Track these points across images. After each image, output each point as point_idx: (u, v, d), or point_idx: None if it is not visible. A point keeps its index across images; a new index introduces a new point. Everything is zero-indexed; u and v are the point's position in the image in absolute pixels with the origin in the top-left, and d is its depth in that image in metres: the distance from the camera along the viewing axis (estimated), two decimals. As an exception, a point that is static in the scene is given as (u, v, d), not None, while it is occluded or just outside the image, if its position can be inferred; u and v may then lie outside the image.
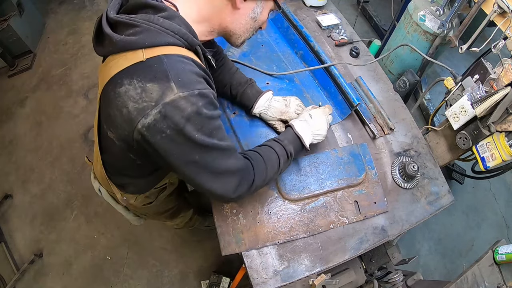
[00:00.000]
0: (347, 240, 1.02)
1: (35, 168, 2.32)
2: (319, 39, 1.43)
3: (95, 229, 2.08)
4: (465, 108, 1.05)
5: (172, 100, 0.57)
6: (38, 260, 1.99)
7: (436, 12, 1.82)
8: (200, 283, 1.89)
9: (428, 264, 2.04)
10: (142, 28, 0.60)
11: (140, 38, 0.59)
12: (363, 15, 3.13)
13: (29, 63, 2.80)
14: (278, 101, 1.10)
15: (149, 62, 0.59)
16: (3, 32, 2.52)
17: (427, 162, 1.19)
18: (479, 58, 1.31)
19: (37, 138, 2.45)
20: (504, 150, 1.00)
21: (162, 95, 0.57)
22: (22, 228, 2.12)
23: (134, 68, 0.59)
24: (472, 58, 2.45)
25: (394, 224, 1.06)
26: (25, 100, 2.65)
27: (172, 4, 0.68)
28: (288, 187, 1.05)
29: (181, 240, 2.04)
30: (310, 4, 1.53)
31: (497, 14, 1.29)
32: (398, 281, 1.14)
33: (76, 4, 3.28)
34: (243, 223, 1.02)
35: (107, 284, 1.92)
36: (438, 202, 1.12)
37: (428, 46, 1.90)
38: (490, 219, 2.24)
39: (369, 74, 1.37)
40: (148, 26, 0.60)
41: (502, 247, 1.01)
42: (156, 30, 0.61)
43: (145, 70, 0.59)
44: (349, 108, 1.19)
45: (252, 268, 0.97)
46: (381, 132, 1.21)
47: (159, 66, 0.59)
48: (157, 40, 0.60)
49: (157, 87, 0.57)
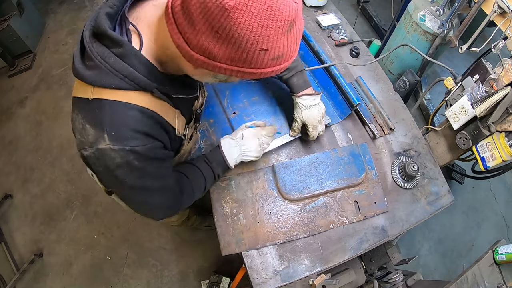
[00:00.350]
0: (347, 240, 1.02)
1: (35, 168, 2.32)
2: (319, 39, 1.43)
3: (95, 229, 2.08)
4: (465, 108, 1.05)
5: (104, 148, 0.60)
6: (38, 260, 1.99)
7: (436, 12, 1.82)
8: (200, 283, 1.89)
9: (428, 264, 2.04)
10: (95, 63, 0.58)
11: (91, 75, 0.58)
12: (363, 15, 3.12)
13: (29, 63, 2.79)
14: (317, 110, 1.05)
15: (93, 103, 0.59)
16: (3, 32, 2.52)
17: (427, 162, 1.19)
18: (479, 58, 1.31)
19: (37, 138, 2.45)
20: (504, 150, 1.00)
21: (95, 141, 0.59)
22: (22, 228, 2.12)
23: (82, 102, 0.61)
24: (472, 58, 2.45)
25: (394, 224, 1.06)
26: (25, 100, 2.65)
27: (138, 33, 0.62)
28: (288, 187, 1.05)
29: (181, 240, 2.04)
30: (310, 4, 1.53)
31: (497, 14, 1.29)
32: (398, 281, 1.14)
33: (76, 4, 3.28)
34: (243, 223, 1.02)
35: (107, 284, 1.92)
36: (438, 202, 1.12)
37: (428, 46, 1.90)
38: (490, 219, 2.24)
39: (369, 74, 1.36)
40: (100, 64, 0.57)
41: (502, 247, 1.01)
42: (106, 70, 0.57)
43: (88, 110, 0.60)
44: (349, 108, 1.19)
45: (252, 268, 0.97)
46: (381, 132, 1.21)
47: (98, 112, 0.59)
48: (105, 81, 0.58)
49: (93, 132, 0.59)
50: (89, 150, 0.61)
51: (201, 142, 1.15)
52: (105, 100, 0.59)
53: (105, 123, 0.59)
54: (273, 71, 0.57)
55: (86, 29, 0.61)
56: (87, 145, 0.60)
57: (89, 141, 0.60)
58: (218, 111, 1.20)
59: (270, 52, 0.52)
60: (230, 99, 1.22)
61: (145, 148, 0.63)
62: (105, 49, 0.58)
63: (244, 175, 1.08)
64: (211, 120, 1.18)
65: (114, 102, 0.59)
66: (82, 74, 0.58)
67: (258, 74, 0.56)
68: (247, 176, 1.09)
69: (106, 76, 0.58)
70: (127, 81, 0.59)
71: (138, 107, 0.62)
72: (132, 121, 0.61)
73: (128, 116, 0.61)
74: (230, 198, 1.05)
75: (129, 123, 0.61)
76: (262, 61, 0.53)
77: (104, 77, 0.58)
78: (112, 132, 0.59)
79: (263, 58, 0.53)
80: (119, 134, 0.59)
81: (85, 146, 0.61)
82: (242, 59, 0.52)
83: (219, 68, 0.54)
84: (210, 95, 1.23)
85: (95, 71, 0.58)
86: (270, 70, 0.56)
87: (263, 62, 0.53)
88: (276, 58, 0.54)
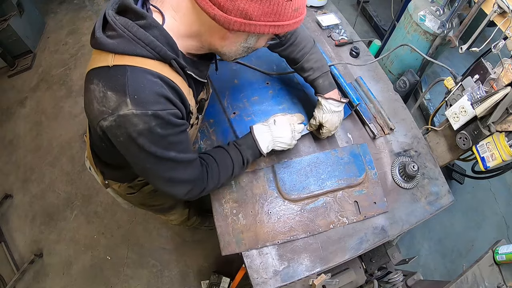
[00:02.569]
0: (347, 240, 1.02)
1: (35, 168, 2.32)
2: (319, 39, 1.43)
3: (95, 229, 2.08)
4: (465, 108, 1.05)
5: (126, 114, 0.60)
6: (38, 260, 1.99)
7: (436, 12, 1.82)
8: (200, 283, 1.89)
9: (428, 264, 2.04)
10: (117, 33, 0.60)
11: (113, 43, 0.60)
12: (363, 15, 3.12)
13: (29, 63, 2.80)
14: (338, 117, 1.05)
15: (114, 69, 0.60)
16: (3, 32, 2.52)
17: (427, 162, 1.19)
18: (479, 58, 1.31)
19: (37, 138, 2.45)
20: (504, 150, 1.00)
21: (117, 107, 0.59)
22: (22, 228, 2.12)
23: (102, 71, 0.61)
24: (472, 58, 2.45)
25: (394, 224, 1.06)
26: (25, 100, 2.65)
27: (160, 12, 0.65)
28: (288, 187, 1.05)
29: (181, 240, 2.04)
30: (310, 4, 1.53)
31: (497, 14, 1.29)
32: (398, 281, 1.14)
33: (76, 4, 3.28)
34: (243, 223, 1.02)
35: (107, 284, 1.92)
36: (438, 202, 1.12)
37: (428, 46, 1.90)
38: (490, 219, 2.24)
39: (369, 74, 1.36)
40: (123, 33, 0.60)
41: (502, 247, 1.01)
42: (128, 38, 0.60)
43: (109, 77, 0.61)
44: (349, 108, 1.19)
45: (252, 268, 0.97)
46: (381, 132, 1.21)
47: (121, 77, 0.60)
48: (127, 48, 0.60)
49: (114, 98, 0.60)
50: (109, 119, 0.60)
51: (201, 142, 1.15)
52: (127, 65, 0.60)
53: (128, 87, 0.59)
54: (295, 22, 0.65)
55: (108, 8, 0.63)
56: (108, 113, 0.60)
57: (111, 108, 0.60)
58: (218, 111, 1.20)
59: (293, 2, 0.61)
60: (230, 99, 1.22)
61: (168, 112, 0.64)
62: (129, 21, 0.61)
63: (244, 175, 1.08)
64: (211, 120, 1.18)
65: (136, 67, 0.61)
66: (104, 43, 0.60)
67: (286, 26, 0.64)
68: (247, 176, 1.08)
69: (128, 43, 0.60)
70: (148, 49, 0.61)
71: (158, 74, 0.63)
72: (153, 85, 0.62)
73: (149, 80, 0.62)
74: (230, 198, 1.05)
75: (151, 87, 0.62)
76: (287, 12, 0.61)
77: (126, 45, 0.60)
78: (135, 95, 0.59)
79: (288, 9, 0.61)
80: (141, 97, 0.60)
81: (105, 115, 0.60)
82: (273, 12, 0.60)
83: (254, 26, 0.61)
84: (211, 94, 1.23)
85: (117, 40, 0.60)
86: (293, 21, 0.64)
87: (288, 13, 0.62)
88: (296, 9, 0.63)
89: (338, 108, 1.04)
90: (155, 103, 0.61)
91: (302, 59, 1.03)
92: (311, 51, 1.03)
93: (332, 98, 1.03)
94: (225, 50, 0.71)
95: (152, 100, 0.61)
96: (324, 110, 1.04)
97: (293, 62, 1.06)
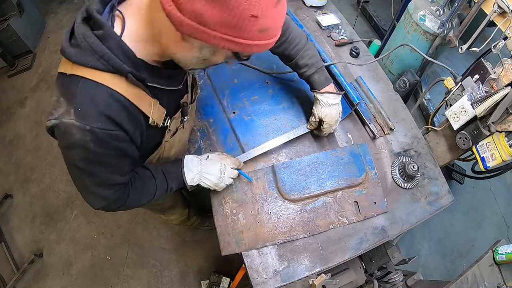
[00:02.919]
0: (347, 240, 1.02)
1: (35, 168, 2.32)
2: (319, 39, 1.43)
3: (95, 229, 2.08)
4: (465, 108, 1.05)
5: (67, 122, 0.62)
6: (38, 260, 1.99)
7: (436, 12, 1.82)
8: (200, 283, 1.89)
9: (428, 264, 2.04)
10: (77, 42, 0.61)
11: (72, 53, 0.61)
12: (363, 15, 3.12)
13: (29, 63, 2.80)
14: (336, 109, 1.05)
15: (70, 78, 0.62)
16: (3, 32, 2.52)
17: (427, 162, 1.19)
18: (479, 58, 1.31)
19: (37, 138, 2.45)
20: (504, 150, 1.00)
21: (63, 114, 0.62)
22: (22, 228, 2.12)
23: (62, 76, 0.64)
24: (472, 58, 2.45)
25: (394, 224, 1.06)
26: (25, 100, 2.65)
27: (121, 17, 0.64)
28: (288, 187, 1.05)
29: (181, 240, 2.04)
30: (310, 4, 1.53)
31: (497, 14, 1.29)
32: (398, 281, 1.14)
33: (76, 4, 3.28)
34: (243, 223, 1.02)
35: (107, 284, 1.92)
36: (438, 202, 1.12)
37: (428, 46, 1.90)
38: (490, 219, 2.24)
39: (369, 74, 1.36)
40: (81, 43, 0.61)
41: (502, 247, 1.01)
42: (85, 50, 0.61)
43: (64, 84, 0.63)
44: (349, 108, 1.19)
45: (252, 268, 0.97)
46: (381, 132, 1.21)
47: (72, 87, 0.62)
48: (83, 60, 0.61)
49: (64, 105, 0.62)
50: (53, 122, 0.62)
51: (201, 142, 1.15)
52: (80, 77, 0.61)
53: (75, 98, 0.61)
54: (258, 46, 0.57)
55: (78, 14, 0.64)
56: (55, 116, 0.63)
57: (58, 112, 0.62)
58: (218, 110, 1.20)
59: (259, 21, 0.53)
60: (230, 98, 1.22)
61: (105, 133, 0.64)
62: (88, 30, 0.61)
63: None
64: (211, 120, 1.18)
65: (88, 80, 0.62)
66: (65, 51, 0.62)
67: (247, 46, 0.57)
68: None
69: (85, 54, 0.61)
70: (103, 61, 0.61)
71: (108, 89, 0.63)
72: (99, 101, 0.63)
73: (96, 96, 0.62)
74: (230, 198, 1.05)
75: (95, 103, 0.62)
76: (250, 31, 0.54)
77: (83, 55, 0.61)
78: (79, 108, 0.61)
79: (251, 28, 0.53)
80: (84, 111, 0.61)
81: (52, 116, 0.63)
82: (232, 25, 0.53)
83: (207, 35, 0.54)
84: (210, 94, 1.23)
85: (76, 49, 0.61)
86: (257, 43, 0.57)
87: (251, 32, 0.54)
88: (264, 31, 0.55)
89: (335, 100, 1.04)
90: (95, 121, 0.62)
91: (296, 56, 1.02)
92: (305, 47, 1.02)
93: (328, 91, 1.03)
94: (180, 57, 0.66)
95: (94, 116, 0.62)
96: (322, 104, 1.04)
97: (287, 59, 1.05)
